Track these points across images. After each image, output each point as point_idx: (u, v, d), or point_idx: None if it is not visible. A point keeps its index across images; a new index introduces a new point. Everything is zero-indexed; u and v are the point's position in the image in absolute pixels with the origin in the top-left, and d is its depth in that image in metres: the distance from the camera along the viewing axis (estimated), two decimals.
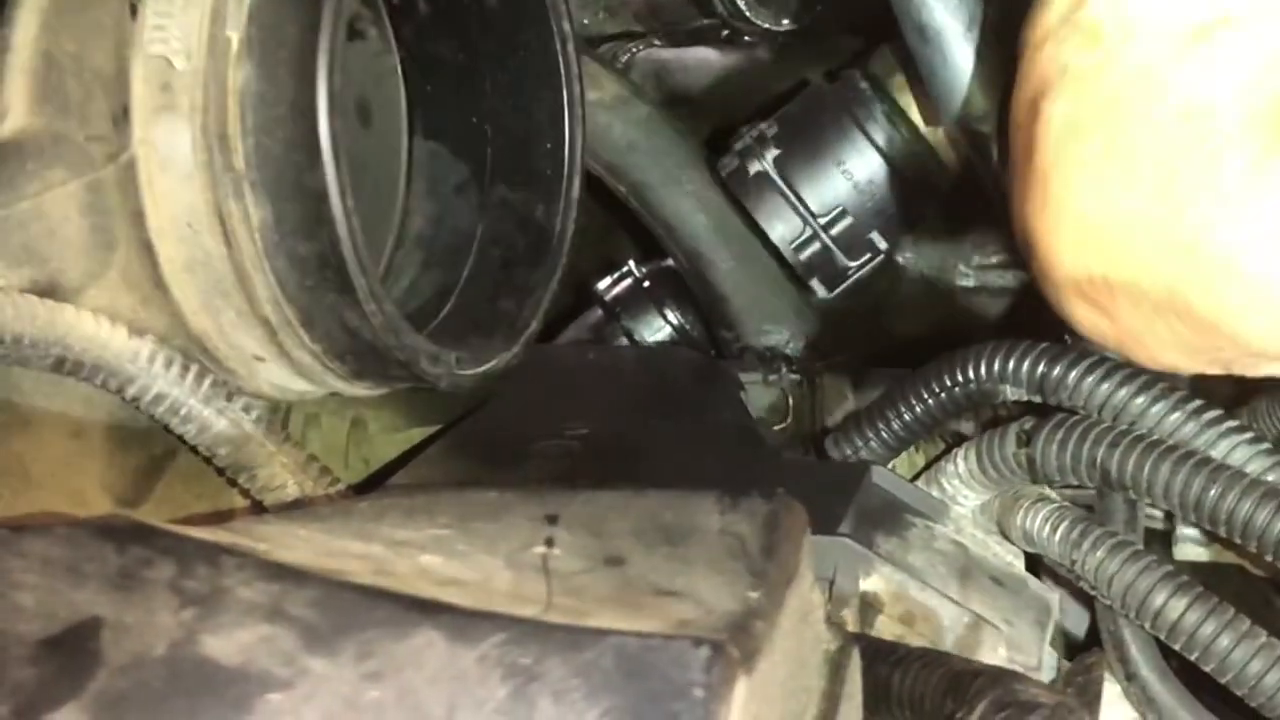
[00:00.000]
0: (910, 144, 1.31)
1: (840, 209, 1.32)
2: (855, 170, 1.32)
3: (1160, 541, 1.06)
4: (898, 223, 1.35)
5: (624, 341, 1.46)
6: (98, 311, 0.89)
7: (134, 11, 0.88)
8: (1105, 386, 0.97)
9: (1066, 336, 0.99)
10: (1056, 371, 0.98)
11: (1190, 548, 1.04)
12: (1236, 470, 0.92)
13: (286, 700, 0.56)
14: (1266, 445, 0.94)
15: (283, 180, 0.86)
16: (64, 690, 0.58)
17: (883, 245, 1.35)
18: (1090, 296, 0.84)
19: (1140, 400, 0.96)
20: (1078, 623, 1.11)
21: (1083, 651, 1.08)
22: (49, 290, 0.87)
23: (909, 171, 1.32)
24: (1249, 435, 0.95)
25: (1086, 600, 1.05)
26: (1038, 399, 1.01)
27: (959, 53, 1.07)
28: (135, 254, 0.90)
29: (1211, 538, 1.02)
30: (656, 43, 1.55)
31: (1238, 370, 0.84)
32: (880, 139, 1.31)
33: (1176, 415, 0.95)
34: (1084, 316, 0.86)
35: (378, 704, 0.56)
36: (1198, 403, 0.96)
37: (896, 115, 1.31)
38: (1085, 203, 0.81)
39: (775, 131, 1.34)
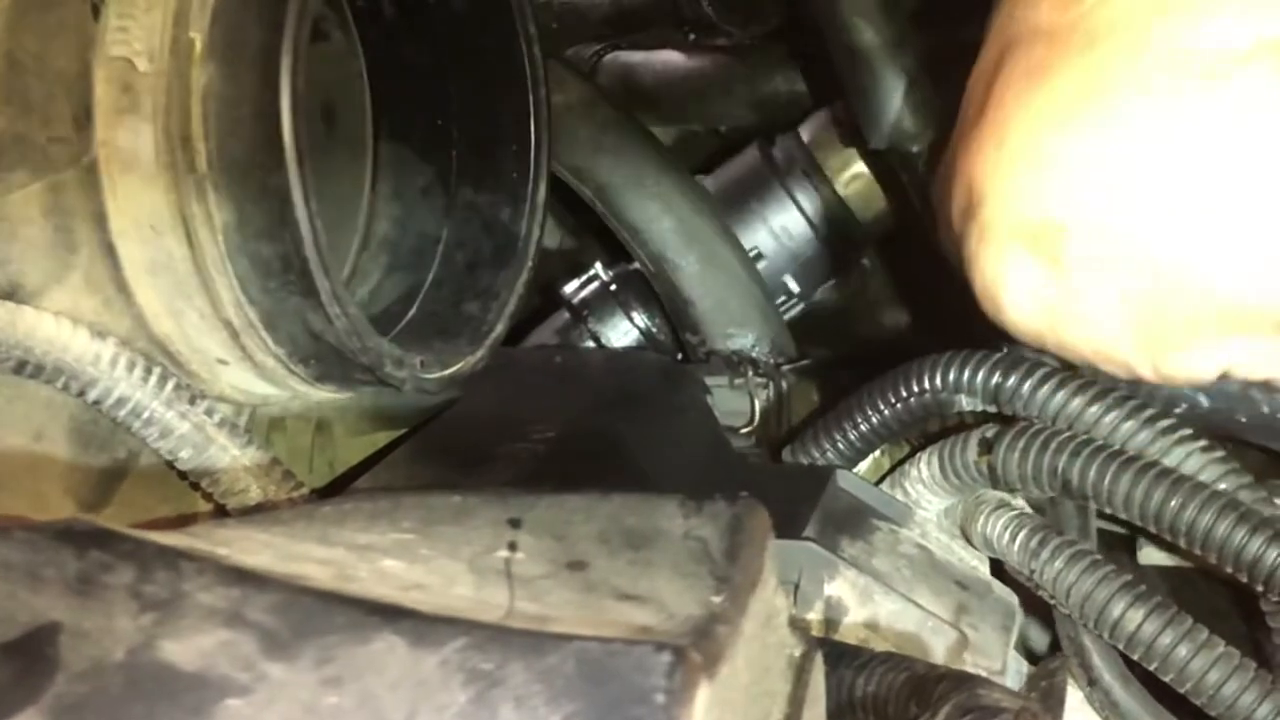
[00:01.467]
0: (832, 206, 1.43)
1: (756, 251, 1.44)
2: (775, 222, 1.45)
3: (1125, 546, 1.06)
4: (814, 272, 1.48)
5: (590, 345, 1.46)
6: (59, 314, 0.88)
7: (96, 13, 0.88)
8: (1059, 396, 0.97)
9: (1004, 346, 1.00)
10: (1011, 382, 0.99)
11: (1154, 552, 1.05)
12: (1197, 481, 0.93)
13: (246, 706, 0.56)
14: (1220, 454, 0.95)
15: (246, 182, 0.86)
16: (21, 696, 0.57)
17: (796, 289, 1.47)
18: (1039, 244, 0.82)
19: (1094, 409, 0.96)
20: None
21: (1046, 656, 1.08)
22: (10, 292, 0.87)
23: (829, 230, 1.44)
24: (1202, 443, 0.95)
25: (1045, 608, 1.05)
26: (993, 409, 1.01)
27: (889, 75, 1.08)
28: (97, 256, 0.90)
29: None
30: (624, 46, 1.55)
31: (1164, 367, 0.84)
32: (803, 200, 1.44)
33: (1130, 423, 0.96)
34: (1023, 278, 0.85)
35: (337, 710, 0.55)
36: (1151, 410, 0.96)
37: (821, 180, 1.43)
38: (1050, 143, 0.80)
39: (711, 182, 1.47)
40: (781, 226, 1.44)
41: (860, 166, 1.41)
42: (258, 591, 0.60)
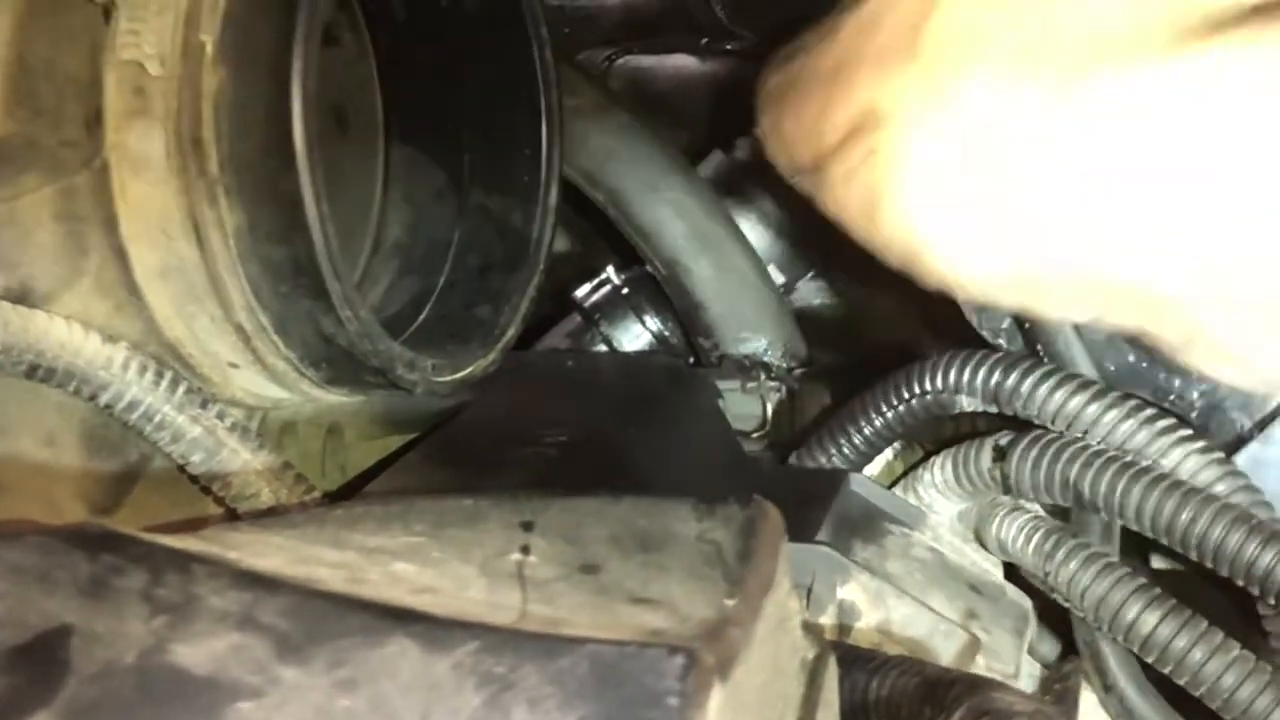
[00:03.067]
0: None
1: None
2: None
3: (1136, 550, 1.06)
4: (792, 262, 1.48)
5: (603, 348, 1.46)
6: (70, 318, 0.88)
7: (107, 16, 0.88)
8: (1058, 395, 0.97)
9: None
10: (1010, 381, 0.99)
11: (1164, 558, 1.04)
12: (1208, 494, 0.92)
13: (258, 709, 0.56)
14: (1218, 455, 0.94)
15: (257, 185, 0.86)
16: (33, 699, 0.57)
17: (781, 279, 1.48)
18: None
19: (1092, 408, 0.96)
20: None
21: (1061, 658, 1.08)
22: (21, 296, 0.87)
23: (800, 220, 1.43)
24: (1200, 444, 0.95)
25: (1060, 613, 1.04)
26: (994, 409, 1.01)
27: None
28: (108, 260, 0.90)
29: None
30: (635, 51, 1.55)
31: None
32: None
33: (1129, 424, 0.95)
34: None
35: (350, 713, 0.55)
36: (1150, 411, 0.96)
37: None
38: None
39: None
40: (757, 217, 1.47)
41: None
42: (270, 595, 0.60)
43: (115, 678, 0.58)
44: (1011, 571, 1.07)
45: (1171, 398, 1.00)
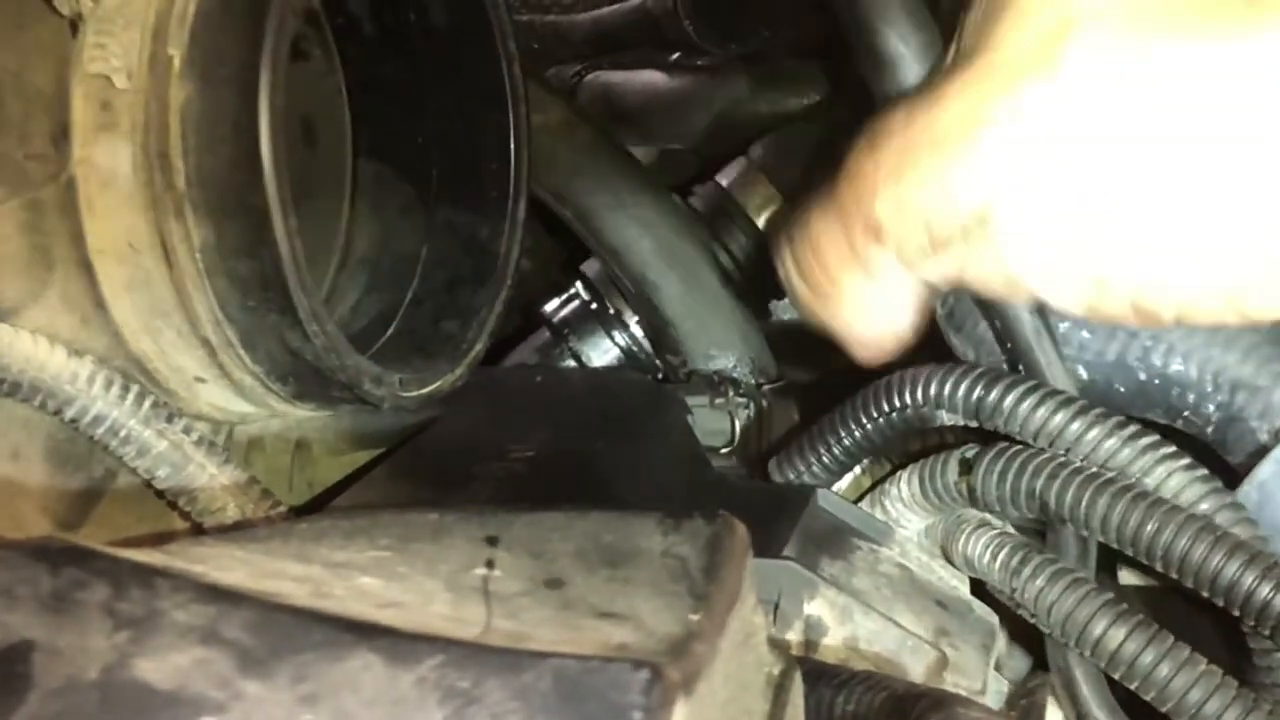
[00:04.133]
0: (757, 248, 1.47)
1: None
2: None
3: (1105, 565, 1.06)
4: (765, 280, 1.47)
5: (572, 364, 1.46)
6: (36, 332, 0.88)
7: (75, 29, 0.88)
8: (1040, 412, 0.97)
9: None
10: (992, 396, 0.98)
11: (1130, 573, 1.04)
12: (1174, 505, 0.92)
13: None
14: (1202, 473, 0.94)
15: (224, 200, 0.86)
16: None
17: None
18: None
19: (1075, 425, 0.96)
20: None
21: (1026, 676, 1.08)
22: None
23: (755, 271, 1.46)
24: (1184, 462, 0.94)
25: (1028, 629, 1.04)
26: (974, 424, 1.01)
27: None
28: (75, 274, 0.90)
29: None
30: (605, 66, 1.55)
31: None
32: (730, 244, 1.47)
33: (1112, 441, 0.95)
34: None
35: None
36: (1133, 428, 0.95)
37: (745, 223, 1.47)
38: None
39: None
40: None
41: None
42: (233, 609, 0.59)
43: (78, 693, 0.58)
44: (979, 587, 1.07)
45: (1186, 414, 1.00)
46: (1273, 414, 0.97)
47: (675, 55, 1.46)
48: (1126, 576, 1.05)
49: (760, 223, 1.46)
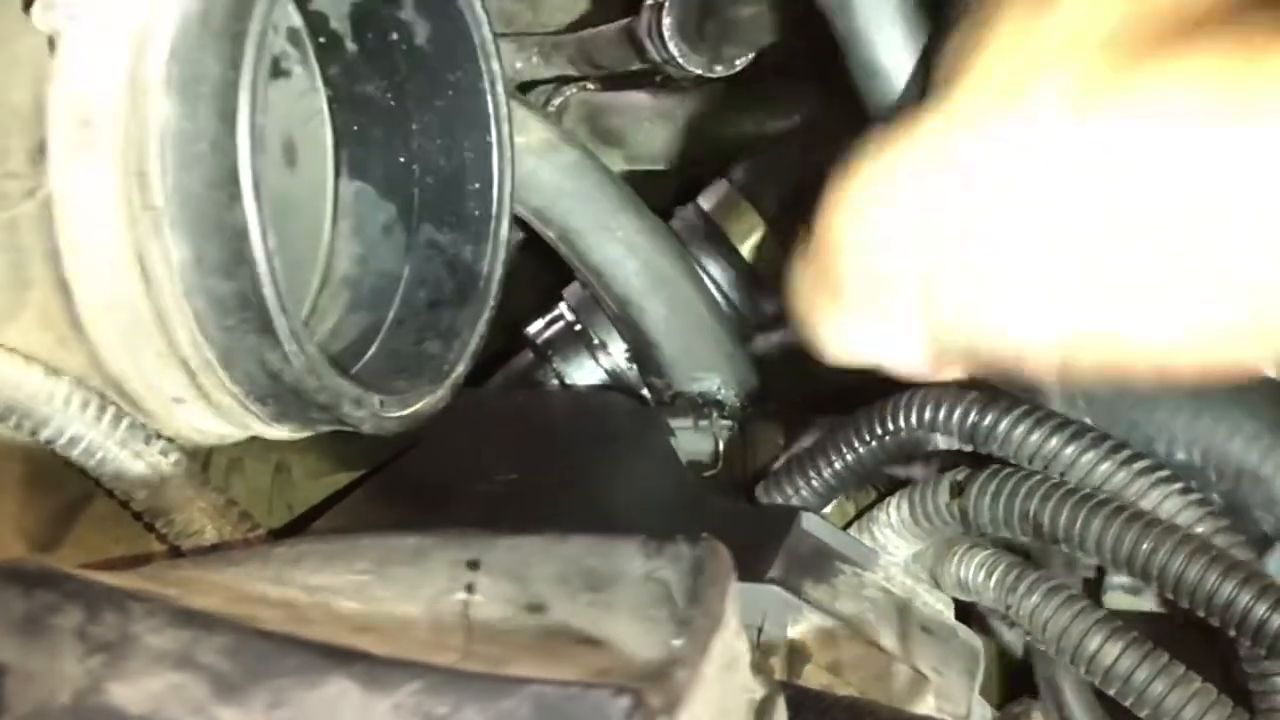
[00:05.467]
0: (740, 271, 1.45)
1: None
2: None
3: (1091, 590, 1.05)
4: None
5: (556, 385, 1.46)
6: (12, 351, 0.87)
7: (53, 46, 0.87)
8: (1036, 436, 0.96)
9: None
10: (987, 421, 0.98)
11: (1120, 596, 1.04)
12: (1169, 524, 0.92)
13: None
14: (1197, 496, 0.94)
15: (203, 219, 0.85)
16: None
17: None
18: None
19: (1070, 449, 0.96)
20: None
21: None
22: None
23: (738, 295, 1.45)
24: (1179, 485, 0.94)
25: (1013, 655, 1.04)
26: (969, 448, 1.00)
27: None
28: (52, 293, 0.89)
29: (1140, 587, 1.01)
30: (590, 86, 1.55)
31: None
32: (711, 268, 1.44)
33: (1107, 465, 0.95)
34: None
35: None
36: (1128, 452, 0.95)
37: (727, 248, 1.45)
38: None
39: None
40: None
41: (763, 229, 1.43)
42: (208, 633, 0.59)
43: (49, 717, 0.57)
44: (963, 613, 1.07)
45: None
46: (1276, 504, 0.97)
47: (660, 76, 1.45)
48: (1110, 601, 1.05)
49: (742, 247, 1.45)
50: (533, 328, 1.47)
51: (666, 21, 1.34)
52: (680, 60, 1.36)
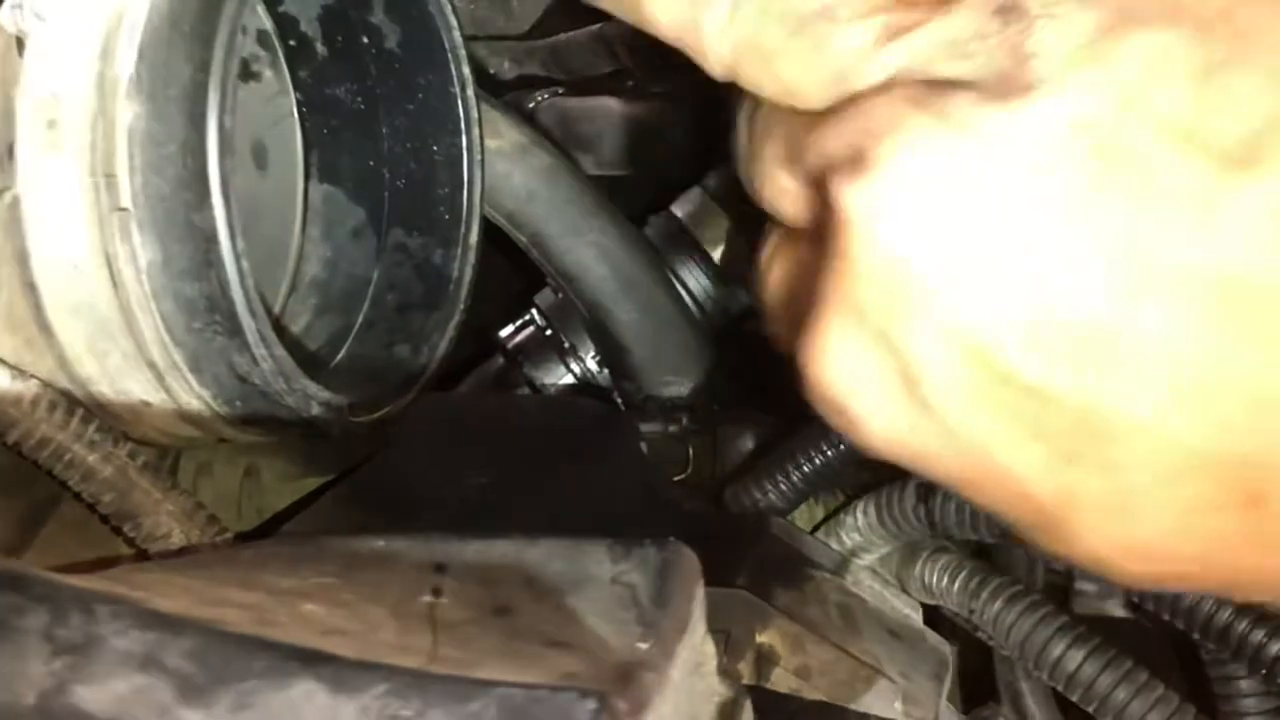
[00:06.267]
0: (713, 279, 1.44)
1: None
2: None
3: (1059, 596, 1.06)
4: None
5: (527, 390, 1.46)
6: None
7: (21, 47, 0.87)
8: None
9: None
10: None
11: (1088, 602, 1.04)
12: None
13: None
14: None
15: (171, 220, 0.85)
16: None
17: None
18: None
19: None
20: None
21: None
22: None
23: (712, 305, 1.44)
24: None
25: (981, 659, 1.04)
26: None
27: None
28: (18, 295, 0.88)
29: (1109, 592, 1.02)
30: (562, 91, 1.55)
31: None
32: (685, 277, 1.43)
33: None
34: None
35: None
36: None
37: (701, 256, 1.44)
38: None
39: None
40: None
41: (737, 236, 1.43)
42: (174, 636, 0.58)
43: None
44: (932, 617, 1.07)
45: None
46: None
47: (632, 82, 1.45)
48: (1079, 605, 1.05)
49: (715, 254, 1.45)
50: (504, 332, 1.46)
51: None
52: (653, 66, 1.36)
